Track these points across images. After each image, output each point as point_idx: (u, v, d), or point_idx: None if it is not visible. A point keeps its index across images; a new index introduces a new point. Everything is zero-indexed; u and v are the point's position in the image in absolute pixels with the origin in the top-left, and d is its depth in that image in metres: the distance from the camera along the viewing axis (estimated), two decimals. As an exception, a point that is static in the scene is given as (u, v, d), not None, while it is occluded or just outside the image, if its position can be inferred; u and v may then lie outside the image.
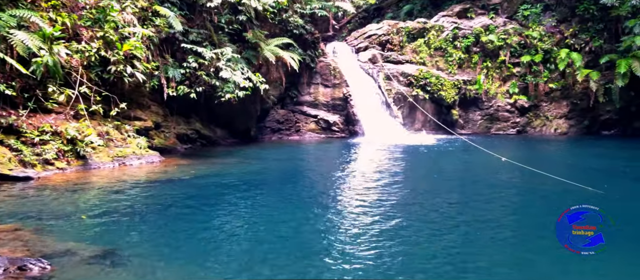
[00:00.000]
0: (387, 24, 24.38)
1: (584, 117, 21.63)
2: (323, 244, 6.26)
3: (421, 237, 6.63)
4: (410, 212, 7.94)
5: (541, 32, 22.26)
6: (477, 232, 7.03)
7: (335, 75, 21.13)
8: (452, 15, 24.37)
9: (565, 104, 21.78)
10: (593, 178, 11.06)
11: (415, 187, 10.23)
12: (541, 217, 8.00)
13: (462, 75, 22.61)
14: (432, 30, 23.54)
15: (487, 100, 22.44)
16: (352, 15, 29.26)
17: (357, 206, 8.26)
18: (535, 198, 9.45)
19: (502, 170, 12.18)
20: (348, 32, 27.98)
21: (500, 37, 22.42)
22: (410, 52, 23.39)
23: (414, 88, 21.89)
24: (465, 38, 23.05)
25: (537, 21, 22.73)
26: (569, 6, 22.39)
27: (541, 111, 22.18)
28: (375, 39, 23.60)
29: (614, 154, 15.80)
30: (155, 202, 8.43)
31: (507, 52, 22.38)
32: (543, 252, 6.15)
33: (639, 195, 9.33)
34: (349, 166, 13.25)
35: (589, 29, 21.62)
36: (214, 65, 15.29)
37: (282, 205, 8.55)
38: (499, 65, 22.61)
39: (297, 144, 18.30)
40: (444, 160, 14.55)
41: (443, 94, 21.86)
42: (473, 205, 8.69)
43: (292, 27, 20.01)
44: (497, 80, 22.63)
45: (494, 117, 22.47)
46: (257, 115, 18.96)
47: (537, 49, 21.99)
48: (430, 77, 21.94)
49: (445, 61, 23.09)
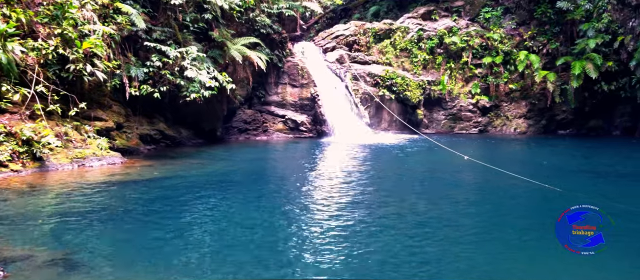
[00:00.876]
0: (354, 24, 24.65)
1: (541, 117, 22.60)
2: (291, 245, 6.28)
3: (387, 236, 6.77)
4: (377, 212, 8.07)
5: (501, 34, 23.08)
6: (441, 229, 7.24)
7: (303, 75, 21.16)
8: (417, 17, 24.91)
9: (524, 104, 22.69)
10: (550, 175, 11.60)
11: (381, 187, 10.40)
12: (502, 214, 8.33)
13: (426, 76, 23.13)
14: (397, 32, 23.98)
15: (450, 101, 23.07)
16: (319, 16, 29.39)
17: (325, 206, 8.32)
18: (496, 195, 9.81)
19: (464, 169, 12.58)
20: (316, 32, 28.08)
21: (463, 39, 23.09)
22: (377, 53, 23.74)
23: (381, 88, 22.23)
24: (430, 39, 23.60)
25: (497, 24, 23.56)
26: (527, 9, 23.32)
27: (502, 111, 23.02)
28: (343, 40, 23.81)
29: (569, 152, 16.59)
30: (115, 205, 8.20)
31: (470, 54, 23.08)
32: (506, 247, 6.43)
33: (591, 191, 9.82)
34: (316, 166, 13.31)
35: (546, 32, 22.60)
36: (178, 64, 15.00)
37: (249, 206, 8.49)
38: (461, 66, 23.27)
39: (265, 144, 18.20)
40: (410, 160, 14.84)
41: (408, 94, 22.29)
42: (437, 204, 8.93)
43: (259, 27, 19.90)
44: (460, 81, 23.29)
45: (457, 117, 23.13)
46: (224, 115, 18.73)
47: (498, 51, 22.79)
48: (396, 78, 22.34)
49: (410, 62, 23.56)
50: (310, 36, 27.82)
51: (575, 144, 18.83)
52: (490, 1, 24.68)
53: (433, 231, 7.05)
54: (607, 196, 9.24)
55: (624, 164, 13.53)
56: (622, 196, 9.41)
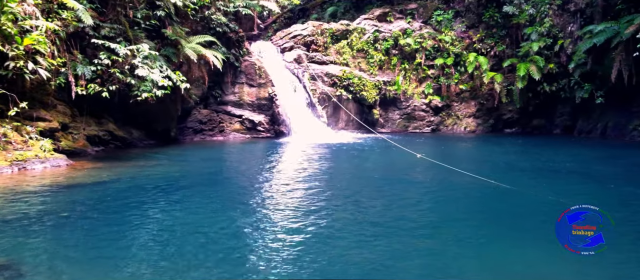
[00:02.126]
0: (312, 24, 24.78)
1: (489, 116, 23.67)
2: (246, 248, 6.26)
3: (342, 236, 6.88)
4: (332, 212, 8.16)
5: (452, 36, 23.96)
6: (394, 227, 7.45)
7: (260, 75, 21.04)
8: (373, 18, 25.39)
9: (474, 104, 23.68)
10: (496, 172, 12.21)
11: (337, 186, 10.53)
12: (453, 211, 8.68)
13: (382, 76, 23.63)
14: (354, 32, 24.34)
15: (405, 100, 23.70)
16: (277, 15, 29.29)
17: (282, 207, 8.35)
18: (447, 192, 10.22)
19: (417, 167, 12.97)
20: (273, 31, 28.00)
21: (417, 40, 23.78)
22: (334, 53, 24.00)
23: (338, 88, 22.49)
24: (385, 41, 24.12)
25: (449, 26, 24.43)
26: (476, 13, 24.34)
27: (453, 110, 23.91)
28: (301, 40, 23.88)
29: (515, 150, 17.47)
30: (58, 210, 7.84)
31: (423, 55, 23.80)
32: (458, 242, 6.72)
33: (534, 187, 10.40)
34: (274, 166, 13.29)
35: (494, 35, 23.69)
36: (129, 62, 14.51)
37: (203, 208, 8.37)
38: (415, 67, 23.95)
39: (221, 145, 17.94)
40: (366, 159, 15.12)
41: (365, 94, 22.69)
42: (391, 202, 9.17)
43: (215, 25, 19.60)
44: (414, 82, 23.96)
45: (411, 116, 23.80)
46: (178, 115, 18.29)
47: (449, 53, 23.64)
48: (353, 78, 22.67)
49: (367, 62, 23.99)
50: (268, 36, 27.70)
51: (520, 142, 19.85)
52: (442, 5, 25.57)
53: (387, 230, 7.25)
54: (549, 191, 9.83)
55: (564, 161, 14.42)
56: (560, 191, 10.05)
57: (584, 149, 17.15)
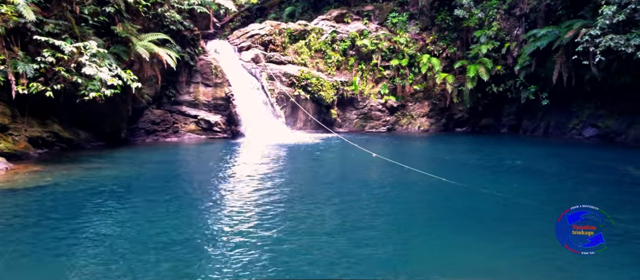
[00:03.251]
0: (270, 24, 24.67)
1: (442, 116, 24.51)
2: (201, 251, 6.18)
3: (298, 236, 6.92)
4: (287, 212, 8.20)
5: (407, 38, 24.60)
6: (349, 225, 7.58)
7: (216, 75, 20.69)
8: (330, 19, 25.62)
9: (427, 104, 24.43)
10: (447, 170, 12.68)
11: (294, 187, 10.55)
12: (406, 208, 8.96)
13: (340, 77, 23.90)
14: (312, 33, 24.46)
15: (361, 101, 24.09)
16: (234, 14, 28.94)
17: (236, 209, 8.28)
18: (401, 190, 10.52)
19: (372, 166, 13.25)
20: (230, 30, 27.64)
21: (373, 42, 24.22)
22: (292, 53, 24.01)
23: (296, 88, 22.52)
24: (343, 41, 24.40)
25: (403, 28, 25.06)
26: (429, 16, 25.12)
27: (407, 110, 24.56)
28: (258, 39, 23.71)
29: (464, 149, 18.18)
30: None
31: (379, 56, 24.27)
32: (412, 238, 6.92)
33: (483, 183, 10.88)
34: (230, 167, 13.13)
35: (446, 37, 24.54)
36: (75, 60, 13.85)
37: (155, 212, 8.14)
38: (372, 68, 24.40)
39: (175, 146, 17.50)
40: (323, 159, 15.25)
41: (323, 94, 22.85)
42: (346, 201, 9.32)
43: (168, 23, 19.09)
44: (370, 82, 24.40)
45: (368, 116, 24.23)
46: (129, 115, 17.65)
47: (404, 54, 24.25)
48: (311, 78, 22.77)
49: (325, 63, 24.18)
50: (224, 34, 27.29)
51: (470, 140, 20.69)
52: (397, 7, 26.20)
53: (340, 228, 7.37)
54: (495, 187, 10.33)
55: (510, 159, 15.18)
56: (506, 188, 10.59)
57: (529, 147, 18.13)
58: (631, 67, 16.81)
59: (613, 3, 16.51)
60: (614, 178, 11.37)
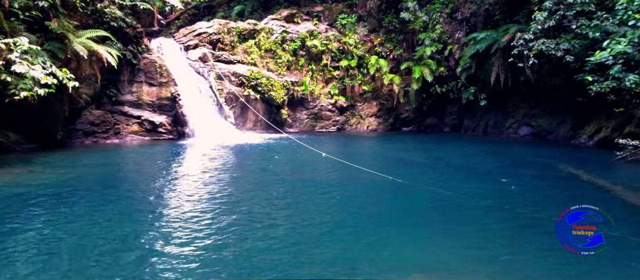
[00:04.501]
0: (218, 22, 24.20)
1: (389, 116, 25.19)
2: (140, 257, 5.95)
3: (245, 238, 6.85)
4: (234, 214, 8.08)
5: (356, 39, 25.04)
6: (298, 224, 7.60)
7: (161, 74, 19.99)
8: (280, 19, 25.54)
9: (375, 104, 25.01)
10: (393, 168, 13.06)
11: (242, 188, 10.43)
12: (354, 206, 9.11)
13: (290, 77, 23.89)
14: (262, 32, 24.27)
15: (312, 101, 24.23)
16: (180, 12, 28.11)
17: (180, 212, 8.05)
18: (348, 189, 10.70)
19: (322, 166, 13.36)
20: (176, 28, 26.82)
21: (323, 42, 24.43)
22: (242, 53, 23.70)
23: (246, 88, 22.26)
24: (293, 41, 24.41)
25: (352, 30, 25.49)
26: (377, 18, 25.72)
27: (357, 110, 25.02)
28: (206, 38, 23.19)
29: (410, 148, 18.79)
30: None
31: (329, 57, 24.53)
32: (359, 236, 7.04)
33: (425, 181, 11.31)
34: (176, 169, 12.73)
35: (393, 39, 25.23)
36: (4, 57, 12.85)
37: (95, 217, 7.74)
38: (322, 68, 24.61)
39: (117, 148, 16.71)
40: (273, 159, 15.18)
41: (273, 95, 22.75)
42: (294, 200, 9.34)
43: (109, 19, 18.21)
44: (320, 82, 24.60)
45: (318, 116, 24.42)
46: (66, 116, 16.64)
47: (353, 55, 24.67)
48: (261, 78, 22.59)
49: (275, 63, 24.07)
50: (170, 32, 26.44)
51: (416, 139, 21.42)
52: (346, 8, 26.60)
53: (288, 229, 7.37)
54: (437, 184, 10.77)
55: (452, 157, 15.88)
56: (446, 182, 11.07)
57: (469, 146, 19.03)
58: (560, 70, 18.12)
59: (544, 9, 17.72)
60: (545, 174, 12.21)
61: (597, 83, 15.36)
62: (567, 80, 17.88)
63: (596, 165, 13.22)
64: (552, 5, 17.50)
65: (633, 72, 14.61)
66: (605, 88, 15.07)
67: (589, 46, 16.61)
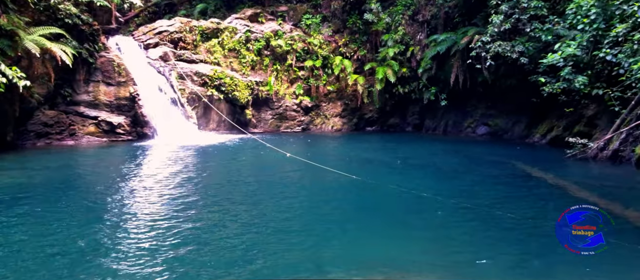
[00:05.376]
0: (180, 21, 23.66)
1: (353, 116, 25.45)
2: (94, 263, 5.73)
3: (205, 240, 6.73)
4: (197, 216, 7.94)
5: (321, 40, 25.13)
6: (262, 225, 7.55)
7: (120, 73, 19.34)
8: (244, 18, 25.28)
9: (340, 104, 25.21)
10: (357, 167, 13.23)
11: (204, 190, 10.22)
12: (318, 205, 9.16)
13: (254, 77, 23.69)
14: (226, 31, 23.93)
15: (277, 101, 24.13)
16: (140, 9, 27.26)
17: (139, 217, 7.82)
18: (312, 188, 10.74)
19: (286, 166, 13.34)
20: (136, 26, 25.98)
21: (288, 42, 24.37)
22: (205, 52, 23.29)
23: (209, 88, 21.89)
24: (257, 41, 24.21)
25: (317, 30, 25.56)
26: (341, 19, 25.92)
27: (321, 110, 25.12)
28: (167, 36, 22.63)
29: (373, 147, 19.08)
30: None
31: (294, 57, 24.49)
32: (322, 235, 7.07)
33: (387, 180, 11.52)
34: (135, 171, 12.34)
35: (357, 40, 25.50)
36: (-56, 55, 12.09)
37: (45, 223, 7.39)
38: (287, 68, 24.54)
39: (72, 150, 16.01)
40: (237, 160, 15.02)
41: (237, 95, 22.48)
42: (260, 202, 9.28)
43: (63, 16, 17.47)
44: (285, 82, 24.54)
45: (283, 116, 24.34)
46: (16, 116, 15.81)
47: (318, 55, 24.75)
48: (224, 78, 22.28)
49: (239, 62, 23.79)
50: (129, 30, 25.60)
51: (379, 139, 21.76)
52: (311, 9, 26.66)
53: (252, 230, 7.31)
54: (400, 183, 10.98)
55: (414, 157, 16.24)
56: (406, 181, 11.31)
57: (430, 145, 19.54)
58: (515, 71, 18.87)
59: (501, 13, 18.43)
60: (501, 172, 12.71)
61: (549, 84, 16.12)
62: (522, 81, 18.66)
63: (548, 163, 13.87)
64: (507, 9, 18.22)
65: (582, 74, 15.45)
66: (556, 89, 15.85)
67: (542, 49, 17.41)
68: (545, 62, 15.96)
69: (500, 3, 18.41)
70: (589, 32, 15.06)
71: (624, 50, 13.58)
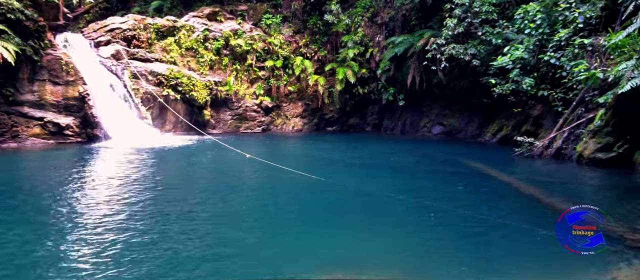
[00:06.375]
0: (134, 18, 22.87)
1: (314, 116, 25.53)
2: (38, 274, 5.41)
3: (162, 246, 6.51)
4: (150, 221, 7.66)
5: (281, 40, 25.03)
6: (221, 228, 7.39)
7: (68, 71, 18.39)
8: (202, 16, 24.78)
9: (301, 104, 25.21)
10: (317, 167, 13.27)
11: (160, 193, 9.86)
12: (277, 204, 9.09)
13: (213, 77, 23.25)
14: (182, 30, 23.35)
15: (236, 101, 23.80)
16: (90, 5, 26.17)
17: (88, 224, 7.44)
18: (273, 189, 10.68)
19: (246, 167, 13.17)
20: (86, 23, 24.92)
21: (248, 42, 24.10)
22: (160, 51, 22.63)
23: (165, 88, 21.27)
24: (216, 40, 23.78)
25: (277, 30, 25.45)
26: (301, 19, 25.93)
27: (282, 111, 25.03)
28: (120, 34, 21.81)
29: (334, 147, 19.19)
30: None
31: (254, 56, 24.26)
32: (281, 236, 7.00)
33: (345, 179, 11.61)
34: (83, 175, 11.75)
35: (317, 41, 25.60)
36: None
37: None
38: (247, 68, 24.27)
39: (14, 154, 15.06)
40: (194, 162, 14.68)
41: (195, 95, 21.98)
42: (218, 204, 9.10)
43: (5, 11, 16.44)
44: (245, 82, 24.25)
45: (243, 117, 24.04)
46: (-49, 118, 14.74)
47: (278, 55, 24.64)
48: (181, 77, 21.73)
49: (196, 62, 23.28)
50: (78, 27, 24.50)
51: (339, 139, 21.94)
52: (271, 8, 26.50)
53: (209, 232, 7.14)
54: (359, 182, 11.10)
55: (372, 156, 16.48)
56: (367, 180, 11.46)
57: (388, 144, 19.91)
58: (468, 73, 19.60)
59: (454, 17, 19.07)
60: (455, 170, 13.13)
61: (499, 85, 16.86)
62: (474, 82, 19.39)
63: (498, 161, 14.47)
64: (461, 13, 18.88)
65: (529, 76, 16.26)
66: (506, 90, 16.60)
67: (492, 51, 18.18)
68: (495, 64, 16.70)
69: (454, 7, 19.05)
70: (535, 37, 15.90)
71: (566, 54, 14.43)
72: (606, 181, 11.14)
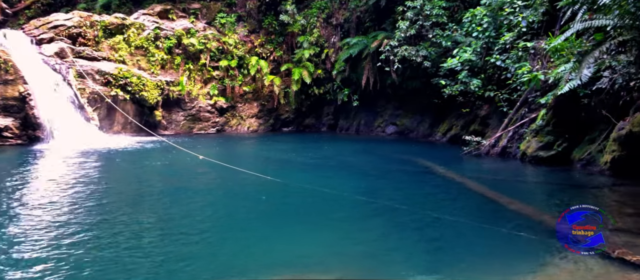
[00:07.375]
0: (79, 15, 21.80)
1: (270, 116, 25.39)
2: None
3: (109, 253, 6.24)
4: (96, 227, 7.30)
5: (236, 40, 24.69)
6: (169, 234, 7.18)
7: (7, 70, 17.24)
8: (153, 14, 24.01)
9: (256, 105, 24.99)
10: (272, 168, 13.22)
11: (105, 198, 9.41)
12: (230, 207, 8.98)
13: (165, 76, 22.57)
14: (132, 28, 22.51)
15: (189, 102, 23.23)
16: (31, 1, 24.63)
17: (26, 229, 7.01)
18: (225, 191, 10.52)
19: (199, 169, 12.87)
20: (26, 19, 23.49)
21: (201, 41, 23.58)
22: (108, 49, 21.71)
23: (113, 88, 20.42)
24: (168, 39, 23.10)
25: (232, 29, 25.07)
26: (257, 19, 25.71)
27: (237, 111, 24.70)
28: (64, 31, 20.74)
29: (289, 147, 19.18)
30: None
31: (208, 56, 23.77)
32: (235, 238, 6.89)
33: (301, 179, 11.61)
34: (21, 180, 11.03)
35: (273, 41, 25.47)
36: None
37: None
38: (200, 67, 23.74)
39: (-56, 157, 13.99)
40: (143, 164, 14.18)
41: (145, 95, 21.26)
42: (168, 209, 8.83)
43: None
44: (198, 82, 23.72)
45: (196, 118, 23.50)
46: None
47: (233, 55, 24.28)
48: (131, 77, 20.94)
49: (147, 61, 22.52)
50: (18, 23, 23.05)
51: (295, 139, 21.96)
52: (225, 8, 26.08)
53: (158, 238, 6.92)
54: (313, 182, 11.15)
55: (328, 156, 16.63)
56: (322, 180, 11.54)
57: (344, 144, 20.18)
58: (420, 74, 20.19)
59: (407, 19, 19.61)
60: (407, 168, 13.52)
61: (449, 86, 17.51)
62: (426, 83, 20.02)
63: (447, 160, 15.00)
64: (412, 16, 19.44)
65: (476, 77, 16.98)
66: (455, 91, 17.26)
67: (442, 53, 18.85)
68: (445, 66, 17.34)
69: (406, 10, 19.58)
70: (482, 40, 16.64)
71: (511, 56, 15.20)
72: (547, 177, 11.82)
